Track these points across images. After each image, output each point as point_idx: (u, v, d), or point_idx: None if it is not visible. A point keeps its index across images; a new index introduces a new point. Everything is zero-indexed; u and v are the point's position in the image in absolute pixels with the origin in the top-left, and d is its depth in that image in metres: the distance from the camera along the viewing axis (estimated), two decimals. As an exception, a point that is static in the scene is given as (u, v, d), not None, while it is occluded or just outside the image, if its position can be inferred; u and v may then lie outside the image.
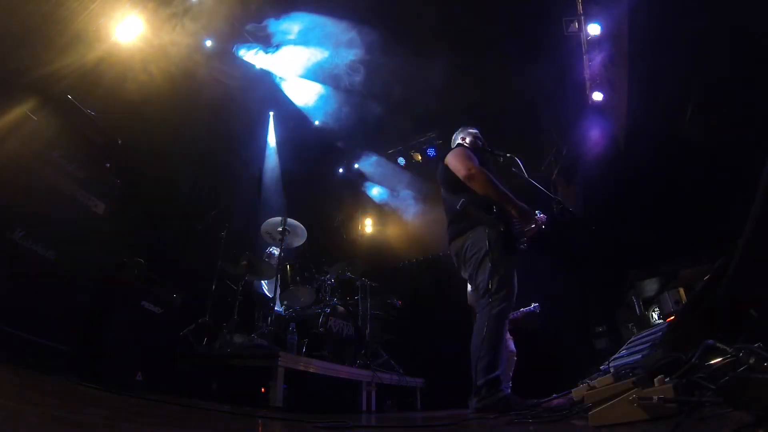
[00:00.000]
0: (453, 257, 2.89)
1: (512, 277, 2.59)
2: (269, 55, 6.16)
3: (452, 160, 2.86)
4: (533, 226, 2.88)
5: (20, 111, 2.21)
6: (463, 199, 2.71)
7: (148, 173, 4.40)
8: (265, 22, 5.82)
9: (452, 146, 3.28)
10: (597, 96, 6.00)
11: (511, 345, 3.91)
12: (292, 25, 5.83)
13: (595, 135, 6.23)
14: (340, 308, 4.38)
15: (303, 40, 6.03)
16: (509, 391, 3.17)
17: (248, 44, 6.09)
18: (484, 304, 2.51)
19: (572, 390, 1.93)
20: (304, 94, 6.74)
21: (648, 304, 4.81)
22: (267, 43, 6.09)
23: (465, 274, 2.84)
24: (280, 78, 6.56)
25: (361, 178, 8.37)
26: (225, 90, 5.87)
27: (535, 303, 4.40)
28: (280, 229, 4.30)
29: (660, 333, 2.26)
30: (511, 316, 2.72)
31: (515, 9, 5.48)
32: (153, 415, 1.54)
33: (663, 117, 5.14)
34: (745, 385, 0.77)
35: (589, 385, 1.61)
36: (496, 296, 2.48)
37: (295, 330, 3.65)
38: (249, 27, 5.94)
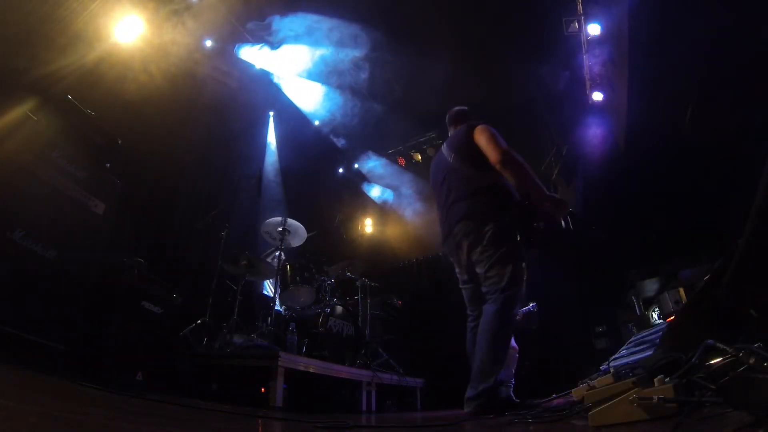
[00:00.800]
0: (457, 234, 2.55)
1: (524, 274, 2.48)
2: (271, 52, 6.15)
3: (483, 140, 2.52)
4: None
5: (20, 111, 2.21)
6: (490, 179, 2.48)
7: (148, 173, 4.41)
8: (267, 20, 5.82)
9: (456, 118, 3.02)
10: (597, 96, 6.01)
11: (512, 341, 3.91)
12: (294, 23, 5.83)
13: (595, 135, 6.24)
14: (340, 308, 4.38)
15: (304, 38, 6.03)
16: (512, 388, 3.15)
17: (250, 43, 6.09)
18: (494, 300, 2.37)
19: (572, 390, 1.94)
20: (305, 93, 6.74)
21: (648, 304, 4.82)
22: (268, 41, 6.09)
23: (465, 256, 2.55)
24: (280, 78, 6.56)
25: (361, 178, 8.37)
26: (225, 90, 5.87)
27: (532, 303, 4.40)
28: (280, 229, 4.31)
29: (660, 333, 2.26)
30: None
31: (515, 9, 5.49)
32: (153, 415, 1.53)
33: (663, 117, 5.14)
34: (745, 385, 0.77)
35: (589, 385, 1.61)
36: (509, 292, 2.35)
37: (295, 330, 3.65)
38: (250, 25, 5.94)
